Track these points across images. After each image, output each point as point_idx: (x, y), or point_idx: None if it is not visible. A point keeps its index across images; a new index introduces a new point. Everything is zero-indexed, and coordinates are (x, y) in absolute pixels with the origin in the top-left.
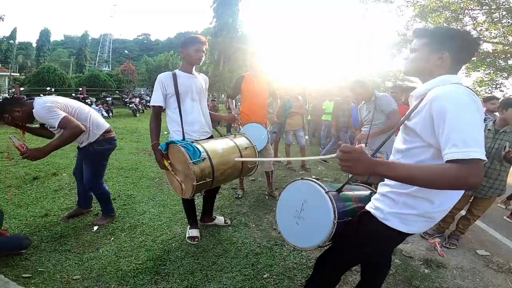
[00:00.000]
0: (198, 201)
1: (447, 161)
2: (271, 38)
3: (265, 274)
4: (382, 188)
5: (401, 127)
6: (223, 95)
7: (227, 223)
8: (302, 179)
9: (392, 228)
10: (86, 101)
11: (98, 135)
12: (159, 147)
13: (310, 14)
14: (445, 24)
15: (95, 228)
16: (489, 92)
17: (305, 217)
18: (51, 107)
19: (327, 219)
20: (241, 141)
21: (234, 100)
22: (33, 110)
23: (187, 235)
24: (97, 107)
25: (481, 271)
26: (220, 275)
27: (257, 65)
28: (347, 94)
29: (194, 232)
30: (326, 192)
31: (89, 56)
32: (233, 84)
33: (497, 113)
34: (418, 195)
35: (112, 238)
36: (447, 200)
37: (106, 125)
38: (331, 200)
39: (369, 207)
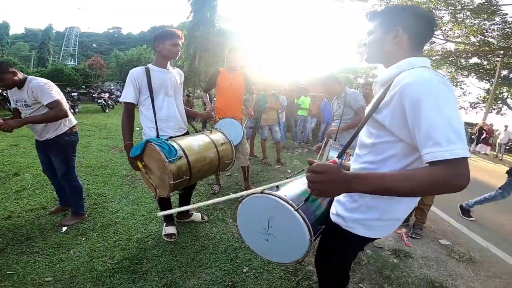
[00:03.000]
0: (174, 198)
1: (430, 162)
2: (249, 33)
3: (244, 268)
4: None
5: (369, 120)
6: (198, 90)
7: (204, 219)
8: (262, 193)
9: (358, 234)
10: None
11: (67, 128)
12: (135, 151)
13: (288, 11)
14: None
15: (64, 229)
16: None
17: (275, 234)
18: (52, 86)
19: (302, 238)
20: (217, 136)
21: (208, 95)
22: (32, 81)
23: (163, 233)
24: None
25: (445, 260)
26: (199, 271)
27: (234, 60)
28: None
29: (171, 230)
30: (296, 210)
31: (53, 49)
32: (208, 79)
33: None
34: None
35: (83, 239)
36: (409, 203)
37: (74, 120)
38: (303, 218)
39: (332, 213)
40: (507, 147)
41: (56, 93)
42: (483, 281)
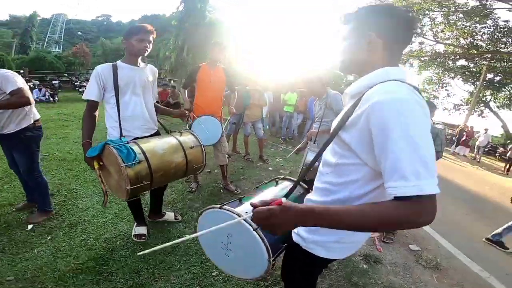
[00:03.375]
0: (147, 196)
1: (394, 197)
2: (241, 27)
3: (214, 271)
4: (306, 203)
5: (336, 137)
6: None
7: (178, 219)
8: (221, 208)
9: (317, 255)
10: (29, 84)
11: (31, 121)
12: (91, 152)
13: (281, 7)
14: None
15: (30, 226)
16: (436, 90)
17: (235, 250)
18: (17, 76)
19: (260, 258)
20: (187, 139)
21: (186, 91)
22: None
23: (133, 233)
24: (39, 91)
25: (412, 266)
26: (168, 274)
27: (217, 56)
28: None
29: (141, 230)
30: (254, 230)
31: (36, 36)
32: (188, 74)
33: None
34: None
35: (49, 237)
36: None
37: (38, 114)
38: (262, 238)
39: (293, 232)
40: (486, 149)
41: (20, 82)
42: None
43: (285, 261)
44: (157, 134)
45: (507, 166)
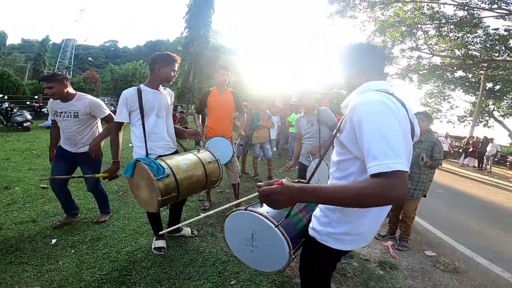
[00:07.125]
0: (165, 213)
1: (371, 176)
2: (244, 49)
3: (232, 281)
4: None
5: (334, 140)
6: (193, 107)
7: (194, 233)
8: (246, 209)
9: (331, 247)
10: (43, 110)
11: None
12: (126, 173)
13: (281, 27)
14: (400, 39)
15: (54, 241)
16: (438, 103)
17: (259, 246)
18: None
19: (282, 251)
20: (205, 155)
21: (200, 116)
22: (88, 98)
23: (153, 246)
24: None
25: (430, 271)
26: (187, 284)
27: (221, 79)
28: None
29: (160, 243)
30: (276, 226)
31: (48, 61)
32: (199, 99)
33: None
34: (349, 211)
35: (73, 251)
36: (373, 219)
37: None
38: (283, 234)
39: (309, 227)
40: (496, 159)
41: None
42: None
43: (303, 255)
44: (176, 152)
45: None
